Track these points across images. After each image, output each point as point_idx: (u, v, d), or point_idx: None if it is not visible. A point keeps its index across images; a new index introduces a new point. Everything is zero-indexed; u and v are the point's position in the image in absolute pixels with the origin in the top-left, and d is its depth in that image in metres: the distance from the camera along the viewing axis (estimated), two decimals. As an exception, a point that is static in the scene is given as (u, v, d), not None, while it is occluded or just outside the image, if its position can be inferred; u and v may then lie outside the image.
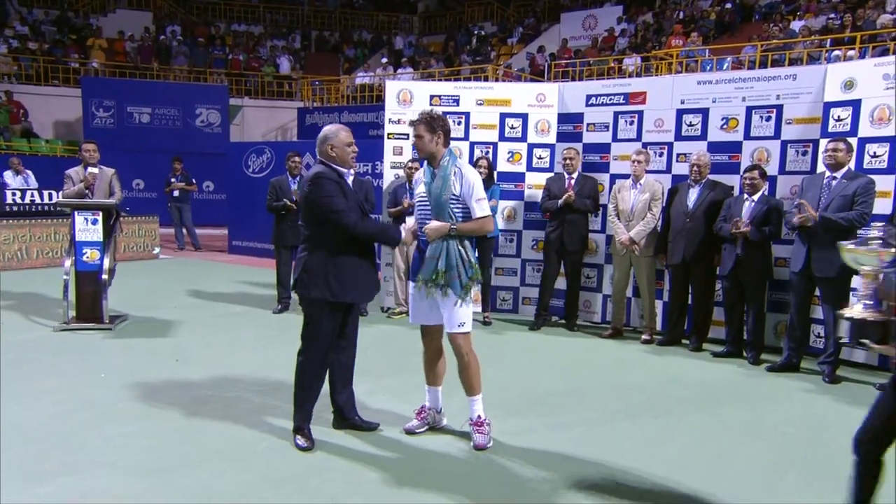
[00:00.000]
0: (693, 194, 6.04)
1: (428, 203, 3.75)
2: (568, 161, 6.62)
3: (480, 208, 3.75)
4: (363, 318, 7.01)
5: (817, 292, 5.42)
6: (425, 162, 3.85)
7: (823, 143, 5.58)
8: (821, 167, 5.53)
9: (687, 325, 6.36)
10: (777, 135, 6.09)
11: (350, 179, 3.75)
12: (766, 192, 5.74)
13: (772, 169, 6.01)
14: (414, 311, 3.93)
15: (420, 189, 3.84)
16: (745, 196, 5.70)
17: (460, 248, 3.70)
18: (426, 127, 3.73)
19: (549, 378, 5.19)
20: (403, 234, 3.78)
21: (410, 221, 3.88)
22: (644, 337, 6.39)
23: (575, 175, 6.60)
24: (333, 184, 3.58)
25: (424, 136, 3.74)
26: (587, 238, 6.80)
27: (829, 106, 5.79)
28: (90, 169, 6.74)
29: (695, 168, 6.02)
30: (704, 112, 6.42)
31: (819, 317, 5.63)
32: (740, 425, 4.29)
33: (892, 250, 2.55)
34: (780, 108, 6.07)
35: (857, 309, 2.58)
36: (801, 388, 5.10)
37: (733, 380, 5.30)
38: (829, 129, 5.74)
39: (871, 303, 2.56)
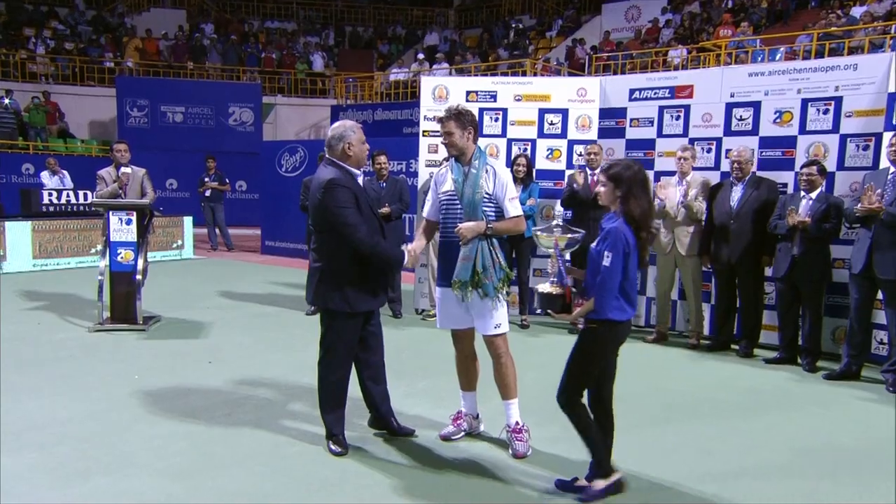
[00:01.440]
0: (736, 193, 5.90)
1: (457, 202, 3.73)
2: (592, 156, 6.54)
3: (514, 207, 3.74)
4: (397, 321, 7.05)
5: (879, 295, 5.24)
6: (452, 159, 3.82)
7: (888, 136, 5.39)
8: (884, 162, 5.35)
9: (736, 329, 6.23)
10: (835, 128, 5.91)
11: (361, 180, 3.71)
12: (823, 190, 5.57)
13: (830, 165, 5.83)
14: (442, 316, 3.91)
15: (446, 187, 3.80)
16: (802, 193, 5.55)
17: (491, 248, 3.68)
18: (456, 123, 3.70)
19: (590, 384, 5.13)
20: (406, 259, 3.71)
21: (415, 244, 3.85)
22: (690, 341, 6.28)
23: (598, 171, 6.50)
24: (347, 192, 3.53)
25: (455, 132, 3.71)
26: None
27: (893, 97, 5.59)
28: (123, 169, 6.91)
29: (735, 165, 5.88)
30: (756, 105, 6.27)
31: (881, 322, 5.44)
32: (793, 436, 4.17)
33: (567, 236, 3.21)
34: (838, 99, 5.89)
35: (545, 285, 3.22)
36: (860, 397, 4.94)
37: (786, 388, 5.16)
38: (895, 122, 5.55)
39: (555, 280, 3.20)
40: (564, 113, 7.10)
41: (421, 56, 20.18)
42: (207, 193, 12.68)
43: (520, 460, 3.68)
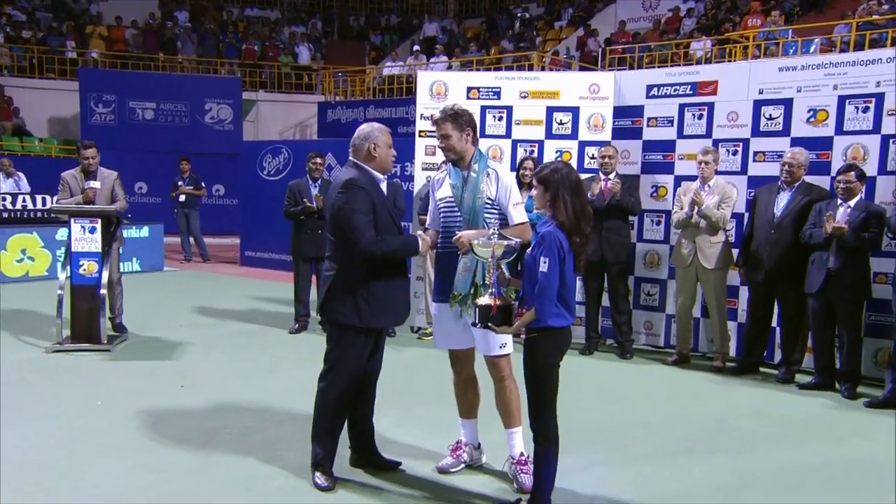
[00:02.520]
0: (782, 200, 5.89)
1: (456, 209, 3.77)
2: (606, 160, 6.56)
3: (518, 213, 3.78)
4: (391, 339, 7.04)
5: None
6: (450, 163, 3.86)
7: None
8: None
9: (767, 350, 6.23)
10: (876, 128, 5.93)
11: (384, 185, 3.78)
12: (863, 197, 5.59)
13: (870, 169, 5.85)
14: (440, 335, 3.93)
15: (444, 193, 3.84)
16: (840, 201, 5.56)
17: None
18: (453, 124, 3.74)
19: (602, 410, 5.14)
20: (421, 244, 3.74)
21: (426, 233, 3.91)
22: (715, 364, 6.28)
23: (612, 176, 6.55)
24: (364, 195, 3.59)
25: (452, 134, 3.75)
26: (629, 247, 6.75)
27: (940, 94, 5.63)
28: (91, 183, 6.75)
29: (786, 168, 5.88)
30: (787, 103, 6.30)
31: (928, 343, 5.45)
32: (831, 471, 4.17)
33: (504, 243, 3.33)
34: (880, 97, 5.91)
35: (485, 298, 3.37)
36: (905, 427, 4.94)
37: (823, 416, 5.16)
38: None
39: (495, 291, 3.34)
40: (575, 111, 7.14)
41: (417, 48, 20.30)
42: (181, 199, 12.69)
43: (526, 495, 3.67)
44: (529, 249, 3.33)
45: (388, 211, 3.72)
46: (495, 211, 3.77)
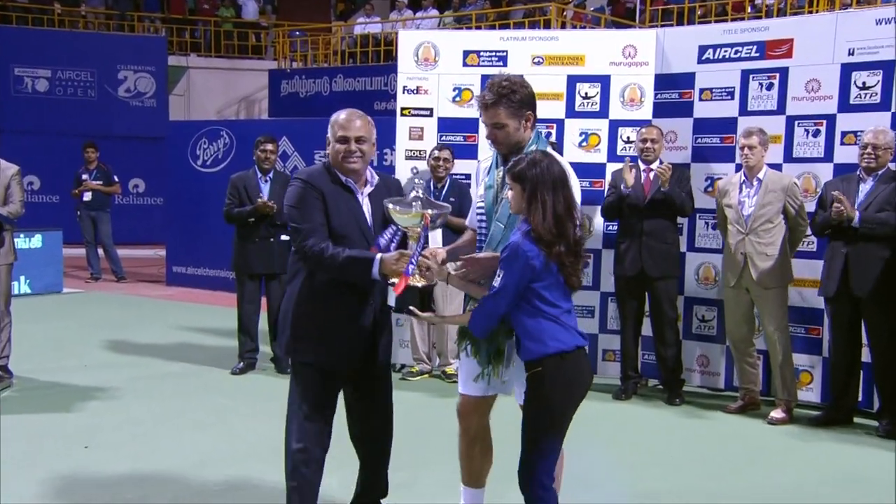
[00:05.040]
0: (863, 191, 5.92)
1: (486, 220, 3.75)
2: (648, 145, 6.58)
3: None
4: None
5: None
6: (496, 153, 3.84)
7: None
8: None
9: (863, 394, 6.21)
10: None
11: (365, 195, 3.76)
12: None
13: None
14: (467, 378, 3.82)
15: (480, 191, 3.84)
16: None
17: None
18: (507, 109, 3.67)
19: (643, 473, 5.12)
20: (378, 265, 3.53)
21: (438, 247, 3.86)
22: (773, 414, 6.18)
23: (655, 165, 6.57)
24: (311, 192, 3.62)
25: (508, 123, 3.69)
26: (677, 258, 6.77)
27: None
28: None
29: (868, 152, 5.89)
30: (887, 67, 6.30)
31: None
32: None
33: (432, 211, 3.50)
34: None
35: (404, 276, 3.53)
36: None
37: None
38: None
39: (412, 266, 3.44)
40: (605, 81, 7.15)
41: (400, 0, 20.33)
42: (87, 197, 12.64)
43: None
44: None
45: (360, 228, 3.68)
46: None
